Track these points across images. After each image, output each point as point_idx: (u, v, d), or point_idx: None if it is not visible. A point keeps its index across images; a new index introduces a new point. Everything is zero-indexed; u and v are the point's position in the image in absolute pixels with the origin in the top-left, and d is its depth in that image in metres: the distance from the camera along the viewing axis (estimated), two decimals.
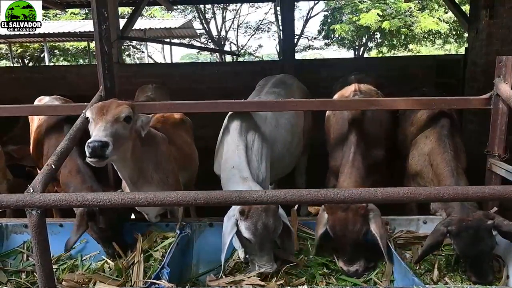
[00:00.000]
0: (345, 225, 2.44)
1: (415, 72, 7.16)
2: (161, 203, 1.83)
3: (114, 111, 2.22)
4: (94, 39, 3.00)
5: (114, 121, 2.20)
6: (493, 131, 2.91)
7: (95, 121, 2.20)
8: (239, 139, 2.89)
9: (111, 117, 2.20)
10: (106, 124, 2.16)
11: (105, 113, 2.20)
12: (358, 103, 3.23)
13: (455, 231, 2.32)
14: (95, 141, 2.06)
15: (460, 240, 2.32)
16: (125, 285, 2.44)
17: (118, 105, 2.28)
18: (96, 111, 2.23)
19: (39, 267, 1.93)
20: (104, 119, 2.18)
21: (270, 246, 2.44)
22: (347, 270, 2.51)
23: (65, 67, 12.22)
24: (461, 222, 2.32)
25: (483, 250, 2.31)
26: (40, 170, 2.18)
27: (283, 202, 1.83)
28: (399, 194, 1.82)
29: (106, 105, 2.29)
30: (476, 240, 2.29)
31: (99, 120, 2.18)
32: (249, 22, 20.96)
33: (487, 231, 2.30)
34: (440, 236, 2.36)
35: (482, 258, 2.35)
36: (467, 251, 2.34)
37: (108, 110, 2.22)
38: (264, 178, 3.01)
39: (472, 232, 2.29)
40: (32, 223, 1.88)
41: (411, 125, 3.46)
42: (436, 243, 2.38)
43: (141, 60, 21.53)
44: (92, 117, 2.23)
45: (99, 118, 2.18)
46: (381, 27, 15.39)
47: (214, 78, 7.28)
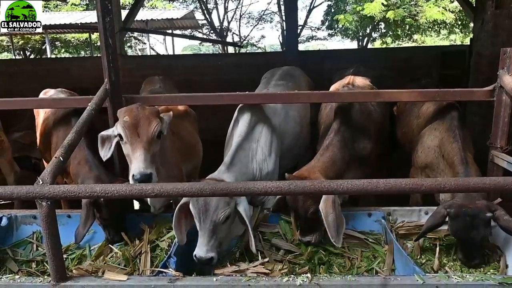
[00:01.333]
0: (296, 201, 2.61)
1: (419, 63, 7.12)
2: (168, 194, 1.87)
3: (147, 132, 2.23)
4: (95, 31, 3.02)
5: (150, 144, 2.24)
6: (496, 123, 2.93)
7: (131, 144, 2.23)
8: (245, 132, 2.93)
9: (146, 141, 2.22)
10: (145, 153, 2.21)
11: (139, 134, 2.22)
12: (362, 95, 3.24)
13: (453, 214, 2.40)
14: (140, 176, 2.20)
15: (455, 223, 2.41)
16: (132, 274, 2.49)
17: (149, 122, 2.27)
18: (129, 132, 2.24)
19: (50, 257, 1.99)
20: (140, 145, 2.21)
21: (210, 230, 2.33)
22: (300, 240, 2.68)
23: (68, 59, 12.25)
24: (461, 207, 2.39)
25: (473, 238, 2.38)
26: (48, 162, 2.23)
27: (287, 193, 1.88)
28: (401, 185, 1.86)
29: (137, 121, 2.27)
30: (469, 227, 2.36)
31: (136, 146, 2.21)
32: (252, 12, 20.85)
33: (483, 221, 2.35)
34: (441, 217, 2.44)
35: (472, 244, 2.42)
36: (458, 234, 2.44)
37: (141, 130, 2.23)
38: (271, 171, 3.05)
39: (468, 219, 2.36)
40: (42, 214, 1.94)
41: (417, 118, 3.49)
42: (436, 224, 2.46)
43: (143, 51, 21.48)
44: (125, 138, 2.26)
45: (135, 142, 2.22)
46: (386, 17, 15.23)
47: (217, 70, 7.28)
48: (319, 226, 2.63)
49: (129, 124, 2.26)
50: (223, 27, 19.41)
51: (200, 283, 1.99)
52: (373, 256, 2.65)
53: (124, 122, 2.27)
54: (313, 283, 1.94)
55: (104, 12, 2.78)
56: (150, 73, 7.26)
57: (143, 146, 2.23)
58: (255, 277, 2.03)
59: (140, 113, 2.31)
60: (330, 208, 2.45)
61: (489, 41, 5.67)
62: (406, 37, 18.09)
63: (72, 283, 2.02)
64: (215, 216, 2.33)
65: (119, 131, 2.29)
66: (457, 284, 1.94)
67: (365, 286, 1.95)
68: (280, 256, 2.59)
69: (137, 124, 2.25)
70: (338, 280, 1.98)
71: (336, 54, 7.92)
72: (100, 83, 3.02)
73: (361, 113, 3.33)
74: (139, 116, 2.29)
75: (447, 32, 18.29)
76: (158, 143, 2.35)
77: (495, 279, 1.95)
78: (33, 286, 2.03)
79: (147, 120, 2.29)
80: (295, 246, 2.68)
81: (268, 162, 3.02)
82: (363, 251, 2.67)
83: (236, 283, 1.98)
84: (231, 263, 2.41)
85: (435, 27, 17.28)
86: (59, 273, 2.01)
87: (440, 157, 3.05)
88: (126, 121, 2.27)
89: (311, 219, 2.60)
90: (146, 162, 2.21)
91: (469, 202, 2.42)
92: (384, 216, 2.81)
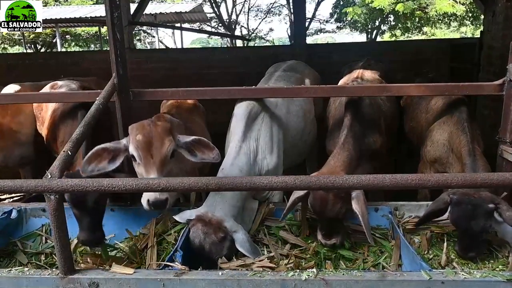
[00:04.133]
0: (325, 204, 2.47)
1: (429, 56, 7.04)
2: (173, 188, 1.88)
3: (161, 154, 2.18)
4: (105, 25, 3.03)
5: (163, 165, 2.20)
6: (505, 117, 2.88)
7: (144, 165, 2.19)
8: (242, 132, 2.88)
9: (160, 162, 2.17)
10: (158, 176, 2.16)
11: (152, 156, 2.16)
12: (370, 89, 3.22)
13: (455, 201, 2.39)
14: (156, 202, 2.21)
15: (456, 210, 2.39)
16: (139, 267, 2.52)
17: (162, 142, 2.21)
18: (143, 154, 2.18)
19: (58, 249, 2.02)
20: (154, 168, 2.17)
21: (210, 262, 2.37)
22: (324, 243, 2.58)
23: (78, 53, 12.32)
24: (464, 196, 2.39)
25: (472, 228, 2.35)
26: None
27: (293, 188, 1.88)
28: (408, 180, 1.85)
29: (149, 140, 2.21)
30: (469, 216, 2.34)
31: (150, 169, 2.17)
32: (260, 5, 20.73)
33: (485, 212, 2.33)
34: (443, 203, 2.44)
35: (470, 235, 2.40)
36: (457, 222, 2.42)
37: (155, 151, 2.17)
38: (273, 167, 3.00)
39: (469, 208, 2.34)
40: (51, 207, 1.96)
41: (426, 113, 3.47)
42: (437, 210, 2.46)
43: (152, 45, 21.52)
44: (138, 159, 2.21)
45: (148, 164, 2.17)
46: (395, 9, 15.04)
47: (225, 63, 7.27)
48: (342, 228, 2.61)
49: (142, 144, 2.20)
50: (232, 20, 19.35)
51: (206, 277, 2.00)
52: (380, 251, 2.64)
53: (137, 141, 2.21)
54: (319, 278, 1.94)
55: (112, 7, 2.79)
56: (158, 67, 7.33)
57: (157, 169, 2.18)
58: (261, 272, 2.04)
59: (152, 130, 2.24)
60: (365, 208, 2.41)
61: (500, 34, 5.58)
62: (415, 30, 17.86)
63: (79, 276, 2.05)
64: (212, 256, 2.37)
65: (132, 152, 2.23)
66: (464, 280, 1.93)
67: (371, 282, 1.94)
68: (286, 251, 2.60)
69: (150, 144, 2.19)
70: (344, 275, 1.97)
71: (344, 47, 7.86)
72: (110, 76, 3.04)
73: (371, 107, 3.30)
74: (151, 134, 2.22)
75: (458, 24, 18.03)
76: (172, 161, 2.29)
77: (503, 276, 1.93)
78: (42, 278, 2.06)
79: (160, 140, 2.22)
80: (302, 240, 2.68)
81: (270, 159, 2.97)
82: (370, 246, 2.66)
83: (241, 277, 1.99)
84: (237, 257, 2.42)
85: (445, 20, 17.03)
86: (67, 265, 2.04)
87: (450, 151, 3.04)
88: (139, 140, 2.20)
89: (336, 221, 2.53)
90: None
91: (472, 192, 2.40)
92: (391, 211, 2.79)
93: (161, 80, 6.92)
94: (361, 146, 3.00)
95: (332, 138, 3.31)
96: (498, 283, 1.92)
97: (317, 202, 2.50)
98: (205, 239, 2.37)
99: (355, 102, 3.19)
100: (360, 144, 2.99)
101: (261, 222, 2.80)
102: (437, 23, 17.29)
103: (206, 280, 1.98)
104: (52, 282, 2.05)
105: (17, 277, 2.08)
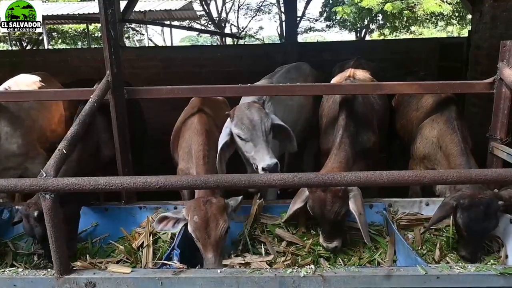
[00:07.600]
0: (323, 205, 2.49)
1: (418, 55, 7.12)
2: (172, 187, 1.87)
3: (216, 235, 2.29)
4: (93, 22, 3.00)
5: (219, 243, 2.30)
6: (496, 115, 2.94)
7: (202, 244, 2.31)
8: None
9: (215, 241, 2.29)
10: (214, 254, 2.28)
11: (209, 235, 2.29)
12: (364, 87, 3.24)
13: (466, 205, 2.36)
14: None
15: (469, 214, 2.36)
16: (135, 266, 2.50)
17: (217, 224, 2.31)
18: (200, 234, 2.30)
19: (53, 249, 1.99)
20: (210, 247, 2.28)
21: (264, 140, 2.67)
22: (326, 247, 2.59)
23: (66, 50, 12.14)
24: (473, 197, 2.37)
25: (487, 228, 2.37)
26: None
27: (292, 185, 1.88)
28: (404, 177, 1.87)
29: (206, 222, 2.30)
30: (483, 216, 2.34)
31: (207, 248, 2.29)
32: (250, 4, 20.61)
33: (495, 210, 2.36)
34: (450, 209, 2.42)
35: (481, 237, 2.42)
36: (472, 226, 2.37)
37: (210, 231, 2.29)
38: None
39: (482, 208, 2.33)
40: (46, 207, 1.93)
41: (416, 110, 3.51)
42: (444, 216, 2.45)
43: (141, 43, 21.33)
44: (196, 239, 2.33)
45: (205, 243, 2.29)
46: (383, 9, 15.17)
47: (216, 62, 7.24)
48: (343, 230, 2.61)
49: (199, 226, 2.31)
50: (221, 18, 19.28)
51: (204, 275, 1.99)
52: (375, 247, 2.67)
53: (195, 223, 2.32)
54: (317, 274, 1.95)
55: (106, 4, 2.75)
56: (149, 65, 7.26)
57: (213, 248, 2.29)
58: (259, 269, 2.04)
59: (208, 211, 2.34)
60: (361, 207, 2.42)
61: (487, 34, 5.67)
62: (403, 29, 18.05)
63: (76, 276, 2.02)
64: (263, 126, 2.69)
65: (190, 232, 2.35)
66: (459, 274, 1.96)
67: (369, 277, 1.96)
68: (283, 248, 2.61)
69: (206, 225, 2.30)
70: (341, 271, 1.99)
71: (335, 45, 7.89)
72: (98, 74, 3.01)
73: (364, 106, 3.33)
74: (207, 215, 2.32)
75: (444, 24, 18.28)
76: (227, 236, 2.42)
77: (496, 270, 1.97)
78: (37, 279, 2.02)
79: (215, 221, 2.32)
80: (298, 238, 2.70)
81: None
82: (365, 242, 2.69)
83: (240, 275, 1.99)
84: (236, 255, 2.43)
85: (432, 19, 17.25)
86: (63, 265, 2.01)
87: (438, 148, 3.08)
88: (196, 221, 2.32)
89: (337, 223, 2.53)
90: (217, 263, 2.27)
91: (476, 192, 2.41)
92: (386, 207, 2.82)
93: (152, 78, 6.88)
94: (356, 145, 3.02)
95: (326, 137, 3.33)
96: (491, 277, 1.96)
97: (316, 203, 2.51)
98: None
99: (349, 101, 3.22)
100: (355, 143, 3.01)
101: (256, 219, 2.81)
102: (425, 22, 17.49)
103: (204, 278, 1.97)
104: (48, 283, 2.02)
105: (11, 277, 2.03)
